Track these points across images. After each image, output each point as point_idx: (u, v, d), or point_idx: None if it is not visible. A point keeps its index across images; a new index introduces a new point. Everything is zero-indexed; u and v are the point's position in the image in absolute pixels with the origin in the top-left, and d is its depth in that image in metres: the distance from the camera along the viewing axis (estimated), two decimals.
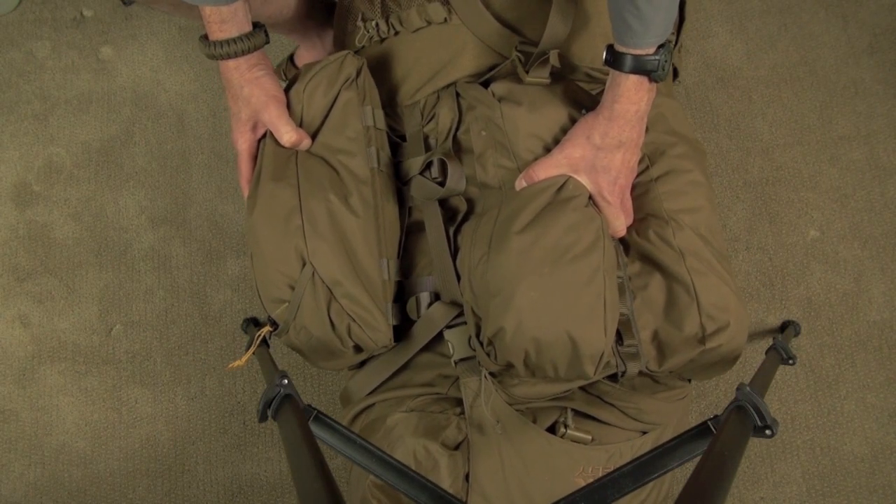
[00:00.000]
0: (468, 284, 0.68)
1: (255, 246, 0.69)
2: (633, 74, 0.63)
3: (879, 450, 1.06)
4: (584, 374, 0.65)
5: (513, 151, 0.71)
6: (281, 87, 0.74)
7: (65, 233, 1.19)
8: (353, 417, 0.79)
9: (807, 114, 1.19)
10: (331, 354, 0.73)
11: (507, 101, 0.72)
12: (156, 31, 1.26)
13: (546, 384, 0.70)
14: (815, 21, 1.22)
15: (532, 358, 0.64)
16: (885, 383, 1.08)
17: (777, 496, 1.05)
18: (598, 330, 0.63)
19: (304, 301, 0.68)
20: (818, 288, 1.12)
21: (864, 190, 1.15)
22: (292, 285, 0.68)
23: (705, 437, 0.53)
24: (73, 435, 1.12)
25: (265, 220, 0.69)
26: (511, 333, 0.62)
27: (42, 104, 1.24)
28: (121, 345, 1.15)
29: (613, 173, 0.68)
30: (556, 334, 0.62)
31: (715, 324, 0.67)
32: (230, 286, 1.16)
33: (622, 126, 0.66)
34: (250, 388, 1.12)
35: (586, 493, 0.50)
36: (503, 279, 0.63)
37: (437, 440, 0.68)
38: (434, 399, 0.73)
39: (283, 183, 0.70)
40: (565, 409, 0.71)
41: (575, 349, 0.62)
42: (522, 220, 0.64)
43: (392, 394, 0.75)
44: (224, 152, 1.21)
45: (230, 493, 1.09)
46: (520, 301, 0.62)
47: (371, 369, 0.77)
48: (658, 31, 0.61)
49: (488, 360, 0.67)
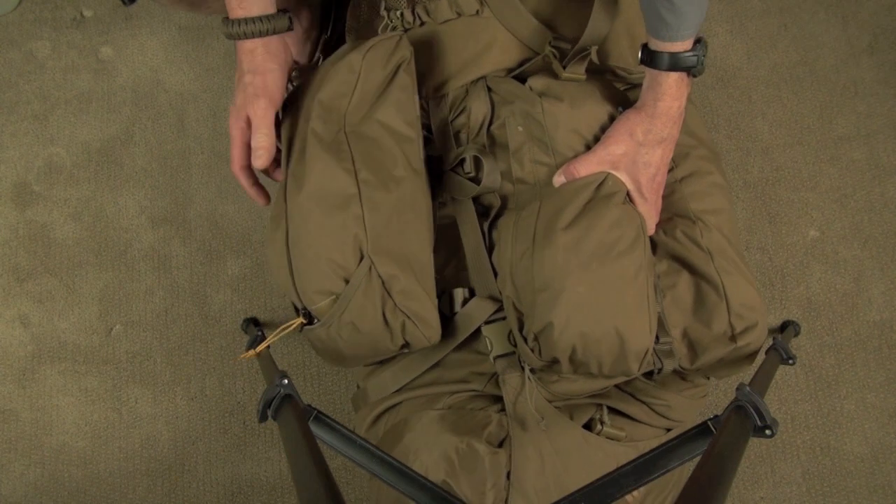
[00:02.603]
0: (509, 279, 0.67)
1: (302, 229, 0.64)
2: (673, 72, 0.64)
3: (879, 450, 1.06)
4: (629, 371, 0.65)
5: (552, 147, 0.70)
6: (283, 92, 0.71)
7: (65, 233, 1.19)
8: (377, 417, 0.76)
9: (807, 114, 1.19)
10: (372, 352, 0.70)
11: (547, 96, 0.70)
12: (156, 31, 1.26)
13: (586, 381, 0.70)
14: (815, 21, 1.22)
15: (578, 354, 0.63)
16: (885, 383, 1.08)
17: (777, 496, 1.05)
18: (644, 326, 0.63)
19: (357, 296, 0.64)
20: (818, 288, 1.12)
21: (864, 190, 1.15)
22: (347, 278, 0.64)
23: (705, 437, 0.53)
24: (73, 435, 1.12)
25: (319, 204, 0.64)
26: (559, 329, 0.61)
27: (42, 104, 1.24)
28: (121, 345, 1.15)
29: (653, 170, 0.68)
30: (604, 330, 0.62)
31: (744, 322, 0.68)
32: (230, 286, 1.16)
33: (665, 123, 0.66)
34: (250, 388, 1.12)
35: (587, 493, 0.50)
36: (550, 274, 0.62)
37: (482, 437, 0.67)
38: (471, 396, 0.72)
39: (339, 164, 0.65)
40: (601, 405, 0.71)
41: (622, 345, 0.63)
42: (567, 216, 0.64)
43: (422, 391, 0.73)
44: (224, 152, 1.21)
45: (230, 493, 1.09)
46: (569, 296, 0.61)
47: (401, 367, 0.75)
48: (692, 23, 0.62)
49: (532, 356, 0.66)
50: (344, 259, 0.64)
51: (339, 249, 0.63)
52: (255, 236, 1.17)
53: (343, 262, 0.64)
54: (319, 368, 1.12)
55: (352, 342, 0.68)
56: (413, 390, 0.74)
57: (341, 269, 0.64)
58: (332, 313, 0.65)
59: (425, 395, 0.73)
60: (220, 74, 1.24)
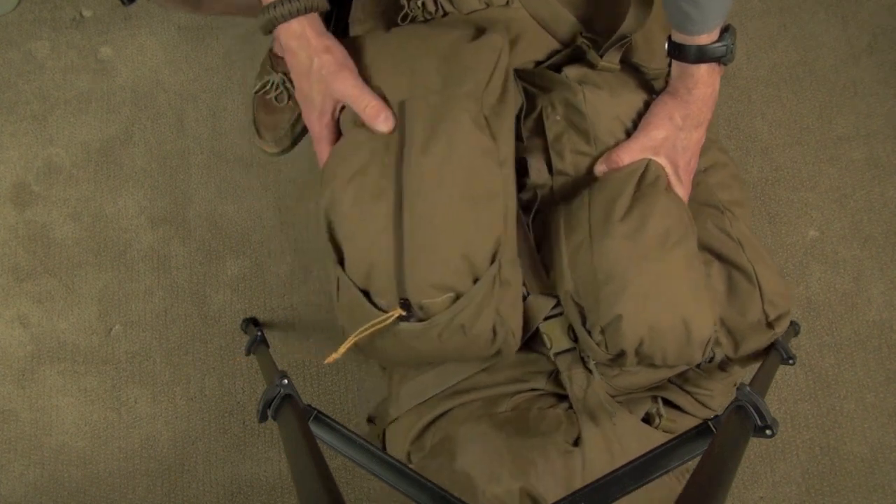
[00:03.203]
0: (567, 273, 0.64)
1: (437, 214, 0.56)
2: (703, 64, 0.64)
3: (879, 450, 1.06)
4: (693, 360, 0.65)
5: (594, 136, 0.69)
6: (350, 59, 0.64)
7: (64, 233, 1.19)
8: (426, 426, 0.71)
9: (806, 114, 1.19)
10: (457, 356, 0.65)
11: (587, 84, 0.70)
12: (156, 31, 1.26)
13: (648, 373, 0.69)
14: (815, 21, 1.22)
15: (645, 345, 0.62)
16: (885, 383, 1.08)
17: (777, 496, 1.05)
18: (707, 313, 0.63)
19: (478, 299, 0.58)
20: (818, 288, 1.12)
21: (864, 190, 1.15)
22: (477, 277, 0.59)
23: (705, 437, 0.53)
24: (73, 435, 1.12)
25: (463, 192, 0.57)
26: (628, 321, 0.61)
27: (41, 104, 1.24)
28: (120, 345, 1.15)
29: (689, 154, 0.68)
30: (671, 320, 0.61)
31: (777, 310, 0.68)
32: (230, 286, 1.16)
33: (700, 107, 0.67)
34: (250, 388, 1.12)
35: (587, 493, 0.50)
36: (613, 266, 0.61)
37: (558, 437, 0.65)
38: (534, 396, 0.70)
39: (490, 147, 0.58)
40: (656, 398, 0.71)
41: (688, 334, 0.62)
42: (621, 206, 0.63)
43: (475, 395, 0.69)
44: (224, 152, 1.21)
45: (230, 493, 1.09)
46: (634, 288, 0.61)
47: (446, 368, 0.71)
48: (716, 16, 0.61)
49: (598, 351, 0.64)
50: (481, 258, 0.58)
51: (478, 245, 0.58)
52: (254, 236, 1.17)
53: (478, 261, 0.58)
54: (319, 368, 1.12)
55: (448, 345, 0.61)
56: (463, 394, 0.69)
57: (475, 267, 0.58)
58: (449, 312, 0.58)
59: (481, 399, 0.69)
60: (220, 74, 1.24)
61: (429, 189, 0.57)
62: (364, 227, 0.58)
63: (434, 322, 0.59)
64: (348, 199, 0.59)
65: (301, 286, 1.15)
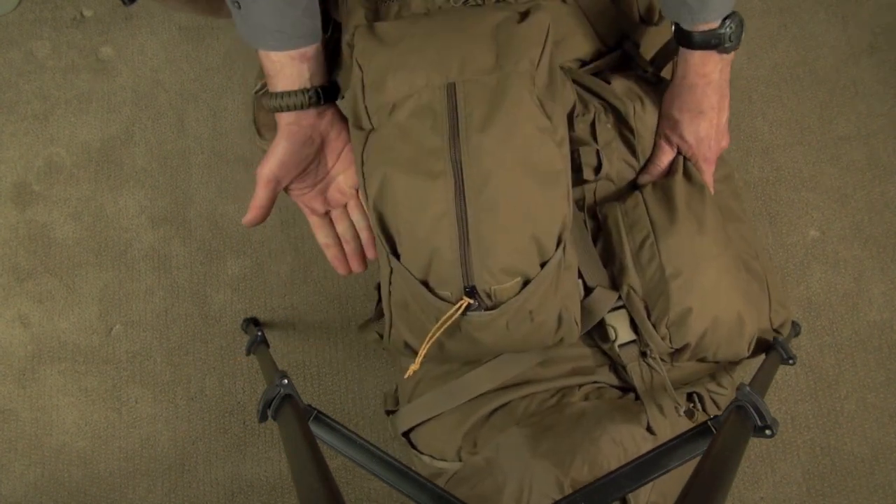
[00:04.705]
0: (631, 267, 0.66)
1: (508, 193, 0.54)
2: (699, 50, 0.65)
3: (879, 450, 1.06)
4: (740, 353, 0.68)
5: (641, 149, 0.72)
6: (292, 162, 0.62)
7: (65, 233, 1.19)
8: (487, 415, 0.68)
9: (807, 114, 1.19)
10: (521, 346, 0.63)
11: (633, 98, 0.71)
12: (156, 31, 1.26)
13: (695, 367, 0.71)
14: (815, 21, 1.22)
15: (707, 338, 0.65)
16: (885, 383, 1.08)
17: (777, 496, 1.05)
18: (753, 311, 0.66)
19: (546, 282, 0.57)
20: (818, 288, 1.12)
21: (864, 190, 1.15)
22: (545, 260, 0.56)
23: (705, 437, 0.53)
24: (73, 435, 1.12)
25: (530, 170, 0.54)
26: (696, 314, 0.63)
27: (42, 104, 1.24)
28: (121, 345, 1.15)
29: (713, 135, 0.71)
30: (731, 314, 0.64)
31: (780, 317, 0.71)
32: (230, 286, 1.16)
33: (714, 90, 0.69)
34: (250, 387, 1.12)
35: (586, 493, 0.50)
36: (682, 261, 0.64)
37: (642, 425, 0.65)
38: (599, 387, 0.70)
39: (549, 126, 0.56)
40: (692, 393, 0.72)
41: (741, 328, 0.65)
42: (679, 203, 0.66)
43: (535, 387, 0.68)
44: (224, 152, 1.21)
45: (230, 493, 1.09)
46: (704, 281, 0.63)
47: (502, 360, 0.69)
48: (717, 6, 0.62)
49: (663, 344, 0.66)
50: (549, 239, 0.56)
51: (547, 228, 0.55)
52: (255, 236, 1.17)
53: (546, 243, 0.56)
54: (319, 368, 1.12)
55: (515, 334, 0.59)
56: (523, 387, 0.68)
57: (542, 249, 0.56)
58: (520, 297, 0.56)
59: (544, 390, 0.67)
60: (220, 74, 1.24)
61: (493, 168, 0.53)
62: (422, 213, 0.55)
63: (505, 309, 0.56)
64: (401, 186, 0.55)
65: (301, 286, 1.15)
